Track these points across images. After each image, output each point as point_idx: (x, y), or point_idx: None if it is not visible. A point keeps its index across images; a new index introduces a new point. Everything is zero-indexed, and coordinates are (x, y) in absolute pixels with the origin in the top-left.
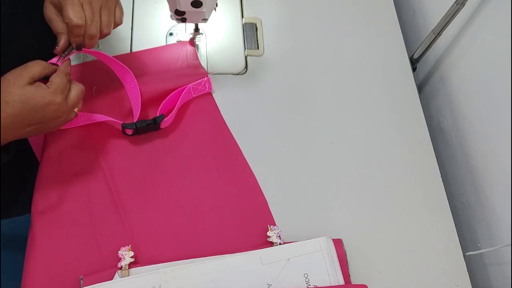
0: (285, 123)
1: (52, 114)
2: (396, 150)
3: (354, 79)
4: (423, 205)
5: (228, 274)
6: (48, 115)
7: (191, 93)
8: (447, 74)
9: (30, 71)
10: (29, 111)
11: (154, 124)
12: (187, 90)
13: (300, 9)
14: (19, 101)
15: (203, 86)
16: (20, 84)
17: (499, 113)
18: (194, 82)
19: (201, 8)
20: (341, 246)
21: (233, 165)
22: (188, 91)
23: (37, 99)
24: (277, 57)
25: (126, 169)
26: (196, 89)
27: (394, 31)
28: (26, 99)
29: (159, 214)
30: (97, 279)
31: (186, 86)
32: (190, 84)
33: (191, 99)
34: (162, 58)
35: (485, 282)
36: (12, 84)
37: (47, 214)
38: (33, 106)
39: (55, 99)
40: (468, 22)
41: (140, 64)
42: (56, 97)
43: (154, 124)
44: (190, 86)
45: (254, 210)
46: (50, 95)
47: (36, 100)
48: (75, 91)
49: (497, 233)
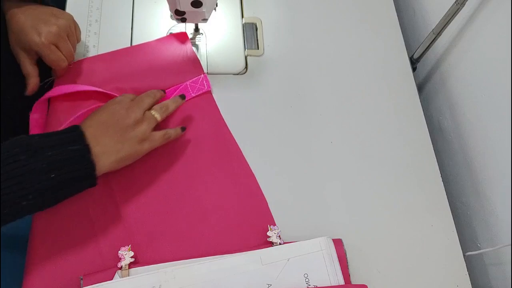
0: (285, 123)
1: (124, 119)
2: (396, 150)
3: (354, 79)
4: (423, 205)
5: (228, 274)
6: (122, 116)
7: (190, 92)
8: (447, 74)
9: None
10: (106, 111)
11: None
12: (183, 87)
13: (300, 9)
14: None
15: (201, 84)
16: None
17: (499, 113)
18: (190, 79)
19: (201, 8)
20: (341, 246)
21: (233, 165)
22: (185, 88)
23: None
24: (277, 57)
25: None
26: (194, 87)
27: (394, 31)
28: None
29: (159, 214)
30: (97, 279)
31: (182, 83)
32: (187, 81)
33: (190, 98)
34: (157, 53)
35: (485, 282)
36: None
37: (47, 214)
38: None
39: (128, 107)
40: (468, 22)
41: (134, 60)
42: (130, 106)
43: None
44: (187, 84)
45: (254, 210)
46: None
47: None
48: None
49: (497, 233)
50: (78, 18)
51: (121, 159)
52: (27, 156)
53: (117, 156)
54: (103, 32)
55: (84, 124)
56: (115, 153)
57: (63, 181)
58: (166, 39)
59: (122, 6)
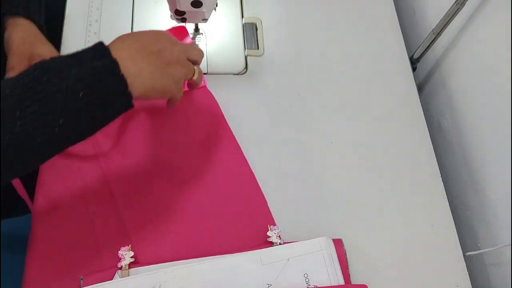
0: (285, 123)
1: (168, 53)
2: (396, 150)
3: (354, 79)
4: (423, 205)
5: (228, 274)
6: (167, 49)
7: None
8: (447, 74)
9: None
10: (150, 36)
11: None
12: None
13: (300, 9)
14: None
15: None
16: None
17: (499, 113)
18: None
19: (201, 8)
20: (341, 246)
21: (233, 164)
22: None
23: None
24: (277, 57)
25: (125, 168)
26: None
27: (394, 31)
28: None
29: (159, 214)
30: (97, 279)
31: None
32: None
33: (190, 96)
34: None
35: (485, 282)
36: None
37: (47, 214)
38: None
39: (175, 43)
40: (468, 22)
41: None
42: (177, 44)
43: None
44: None
45: (254, 210)
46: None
47: (158, 31)
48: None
49: (497, 233)
50: (78, 18)
51: (157, 89)
52: (50, 76)
53: (153, 84)
54: (103, 32)
55: (115, 47)
56: (151, 80)
57: (94, 100)
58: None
59: (122, 6)
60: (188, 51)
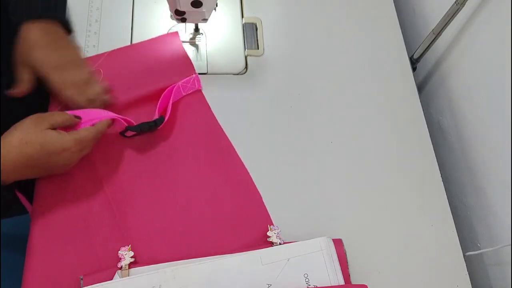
0: (285, 123)
1: (64, 161)
2: (396, 150)
3: (354, 79)
4: (423, 205)
5: (228, 274)
6: (60, 162)
7: (181, 91)
8: (447, 74)
9: (53, 119)
10: (45, 155)
11: (154, 126)
12: (176, 89)
13: (300, 9)
14: (38, 143)
15: (192, 84)
16: (42, 128)
17: (499, 113)
18: (183, 80)
19: (201, 8)
20: (341, 246)
21: (227, 164)
22: (178, 89)
23: (55, 144)
24: (277, 57)
25: (123, 170)
26: (185, 87)
27: (394, 31)
28: (45, 142)
29: (158, 214)
30: (97, 279)
31: (175, 84)
32: (179, 82)
33: (181, 97)
34: (148, 53)
35: (485, 282)
36: (34, 126)
37: (47, 214)
38: (50, 151)
39: (72, 147)
40: (468, 22)
41: (125, 61)
42: (74, 146)
43: (154, 126)
44: (179, 84)
45: (253, 209)
46: (68, 142)
47: (54, 146)
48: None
49: (497, 233)
50: (78, 18)
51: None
52: None
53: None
54: (103, 32)
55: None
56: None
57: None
58: (158, 39)
59: (122, 6)
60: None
